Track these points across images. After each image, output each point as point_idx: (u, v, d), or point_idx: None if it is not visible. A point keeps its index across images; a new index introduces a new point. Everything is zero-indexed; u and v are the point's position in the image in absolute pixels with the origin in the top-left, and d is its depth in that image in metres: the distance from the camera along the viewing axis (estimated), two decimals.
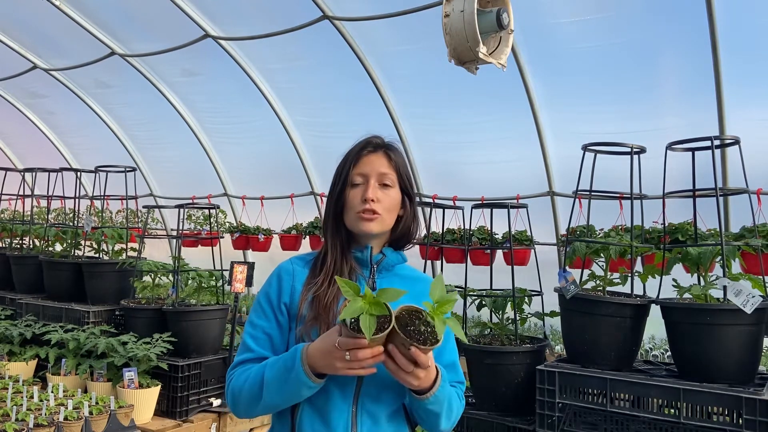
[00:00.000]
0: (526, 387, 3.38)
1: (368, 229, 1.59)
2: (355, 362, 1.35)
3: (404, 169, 1.66)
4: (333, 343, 1.37)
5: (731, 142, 3.35)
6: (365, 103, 6.70)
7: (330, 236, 1.64)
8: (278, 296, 1.61)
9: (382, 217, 1.60)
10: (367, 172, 1.61)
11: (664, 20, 4.90)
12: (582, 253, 3.43)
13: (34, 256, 5.45)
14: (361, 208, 1.58)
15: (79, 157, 10.02)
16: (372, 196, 1.58)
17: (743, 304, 2.76)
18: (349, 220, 1.62)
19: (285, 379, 1.45)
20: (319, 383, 1.44)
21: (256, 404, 1.53)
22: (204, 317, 4.21)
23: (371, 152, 1.63)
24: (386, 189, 1.61)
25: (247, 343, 1.62)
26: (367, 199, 1.57)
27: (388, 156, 1.64)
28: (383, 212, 1.60)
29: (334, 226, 1.64)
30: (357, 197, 1.60)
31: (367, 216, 1.58)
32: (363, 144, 1.65)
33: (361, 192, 1.60)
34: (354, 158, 1.63)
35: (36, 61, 8.34)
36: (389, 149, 1.65)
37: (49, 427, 3.13)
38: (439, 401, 1.49)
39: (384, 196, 1.60)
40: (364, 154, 1.63)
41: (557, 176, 6.04)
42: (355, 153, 1.64)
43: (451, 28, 2.83)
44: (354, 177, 1.61)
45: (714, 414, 2.77)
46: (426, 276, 1.78)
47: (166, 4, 6.34)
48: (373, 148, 1.64)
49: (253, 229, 7.52)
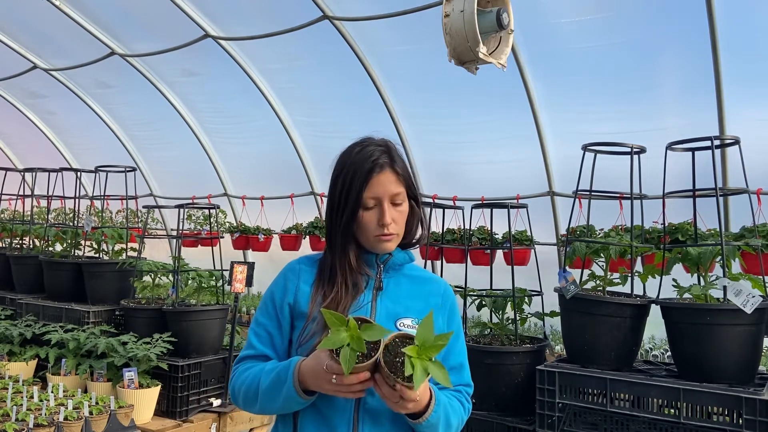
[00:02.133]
0: (526, 387, 3.38)
1: (387, 249, 1.62)
2: (342, 386, 1.37)
3: (408, 175, 1.65)
4: (322, 366, 1.39)
5: (731, 142, 3.35)
6: (365, 103, 6.70)
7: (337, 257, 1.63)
8: (282, 296, 1.64)
9: (398, 235, 1.63)
10: (380, 195, 1.58)
11: (664, 20, 4.90)
12: (582, 253, 3.43)
13: (34, 256, 5.45)
14: (379, 233, 1.59)
15: (79, 157, 10.01)
16: (390, 220, 1.58)
17: (743, 304, 2.76)
18: (365, 240, 1.62)
19: (278, 391, 1.50)
20: (309, 399, 1.48)
21: (253, 406, 1.58)
22: (204, 317, 4.21)
23: (380, 172, 1.59)
24: (398, 206, 1.61)
25: (250, 340, 1.66)
26: (386, 224, 1.58)
27: (395, 172, 1.60)
28: (399, 230, 1.62)
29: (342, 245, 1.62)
30: (373, 222, 1.59)
31: (387, 239, 1.60)
32: (370, 166, 1.58)
33: (376, 216, 1.59)
34: (364, 179, 1.58)
35: (36, 61, 8.34)
36: (394, 162, 1.61)
37: (49, 427, 3.13)
38: (432, 425, 1.49)
39: (398, 215, 1.61)
40: (374, 176, 1.58)
41: (557, 176, 6.04)
42: (365, 174, 1.58)
43: (451, 28, 2.83)
44: (367, 201, 1.58)
45: (714, 414, 2.77)
46: (433, 276, 1.77)
47: (166, 4, 6.34)
48: (381, 167, 1.59)
49: (253, 229, 7.52)
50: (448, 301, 1.70)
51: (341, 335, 1.32)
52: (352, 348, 1.32)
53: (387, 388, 1.36)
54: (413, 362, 1.30)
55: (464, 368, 1.69)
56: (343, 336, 1.32)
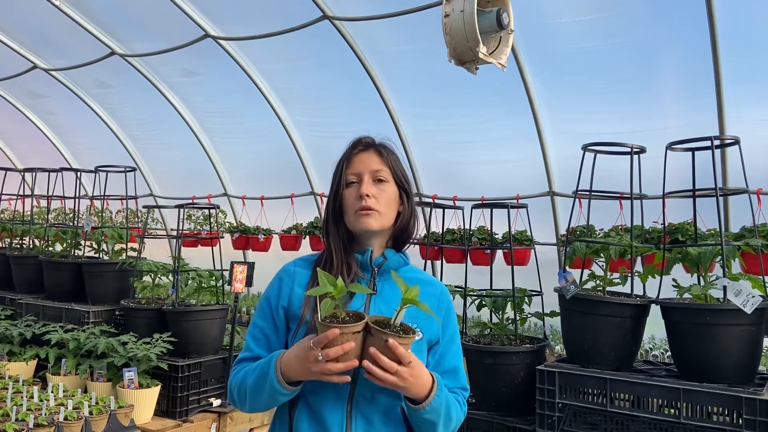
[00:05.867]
0: (526, 387, 3.37)
1: (367, 225, 1.59)
2: (329, 364, 1.36)
3: (398, 165, 1.67)
4: (308, 346, 1.39)
5: (731, 142, 3.35)
6: (365, 103, 6.70)
7: (331, 238, 1.65)
8: (277, 299, 1.64)
9: (380, 213, 1.60)
10: (360, 170, 1.62)
11: (664, 20, 4.91)
12: (582, 253, 3.43)
13: (34, 256, 5.44)
14: (358, 206, 1.59)
15: (79, 157, 10.02)
16: (366, 191, 1.59)
17: (743, 304, 2.76)
18: (349, 221, 1.63)
19: (262, 385, 1.50)
20: (293, 390, 1.48)
21: (244, 405, 1.60)
22: (204, 317, 4.21)
23: (362, 151, 1.65)
24: (381, 184, 1.62)
25: (248, 342, 1.67)
26: (362, 194, 1.58)
27: (379, 153, 1.65)
28: (380, 207, 1.60)
29: (335, 228, 1.65)
30: (353, 196, 1.61)
31: (365, 212, 1.58)
32: (354, 144, 1.67)
33: (356, 190, 1.60)
34: (346, 159, 1.65)
35: (36, 61, 8.34)
36: (380, 147, 1.67)
37: (49, 427, 3.13)
38: (436, 411, 1.48)
39: (379, 192, 1.61)
40: (356, 153, 1.65)
41: (557, 176, 6.04)
42: (347, 154, 1.66)
43: (451, 28, 2.83)
44: (348, 177, 1.63)
45: (714, 414, 2.77)
46: (431, 278, 1.77)
47: (166, 4, 6.34)
48: (364, 146, 1.66)
49: (253, 229, 7.53)
50: (443, 304, 1.69)
51: (327, 288, 1.38)
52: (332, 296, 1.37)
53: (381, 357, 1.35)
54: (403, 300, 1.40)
55: (460, 372, 1.69)
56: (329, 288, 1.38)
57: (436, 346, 1.65)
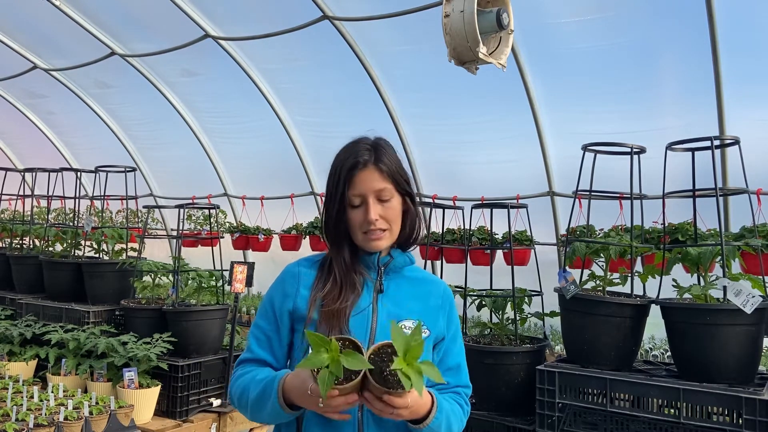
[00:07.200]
0: (526, 387, 3.38)
1: (378, 247, 1.60)
2: (329, 408, 1.36)
3: (398, 171, 1.61)
4: (306, 387, 1.38)
5: (731, 142, 3.35)
6: (365, 103, 6.70)
7: (335, 244, 1.64)
8: (282, 302, 1.63)
9: (390, 231, 1.60)
10: (363, 191, 1.57)
11: (664, 20, 4.90)
12: (582, 253, 3.43)
13: (34, 256, 5.44)
14: (366, 229, 1.58)
15: (79, 157, 10.02)
16: (374, 216, 1.56)
17: (743, 304, 2.76)
18: (356, 239, 1.61)
19: (264, 403, 1.51)
20: (296, 413, 1.49)
21: (246, 413, 1.60)
22: (204, 317, 4.21)
23: (362, 169, 1.57)
24: (386, 203, 1.59)
25: (250, 343, 1.66)
26: (371, 221, 1.56)
27: (379, 168, 1.58)
28: (389, 225, 1.59)
29: (338, 237, 1.63)
30: (359, 219, 1.58)
31: (375, 236, 1.58)
32: (352, 163, 1.58)
33: (362, 214, 1.57)
34: (346, 178, 1.58)
35: (36, 61, 8.34)
36: (378, 160, 1.59)
37: (49, 427, 3.13)
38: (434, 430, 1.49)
39: (386, 210, 1.58)
40: (356, 174, 1.57)
41: (557, 176, 6.04)
42: (347, 172, 1.58)
43: (451, 28, 2.83)
44: (351, 198, 1.58)
45: (714, 414, 2.77)
46: (434, 277, 1.77)
47: (166, 4, 6.34)
48: (363, 164, 1.58)
49: (253, 229, 7.53)
50: (447, 301, 1.70)
51: (321, 356, 1.28)
52: (331, 371, 1.27)
53: (379, 403, 1.34)
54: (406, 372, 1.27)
55: (462, 369, 1.69)
56: (323, 357, 1.28)
57: (441, 343, 1.66)
